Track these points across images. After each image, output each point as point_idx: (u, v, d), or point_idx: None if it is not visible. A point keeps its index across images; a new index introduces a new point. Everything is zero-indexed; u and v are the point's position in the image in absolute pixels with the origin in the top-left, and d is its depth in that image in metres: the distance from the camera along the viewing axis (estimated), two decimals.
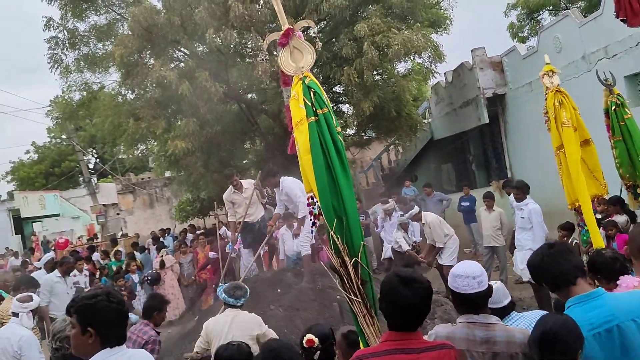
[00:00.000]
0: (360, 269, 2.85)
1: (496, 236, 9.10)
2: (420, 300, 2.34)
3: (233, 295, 4.47)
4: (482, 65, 13.11)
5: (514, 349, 2.52)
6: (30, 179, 36.06)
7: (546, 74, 4.60)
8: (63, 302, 7.58)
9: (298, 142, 3.11)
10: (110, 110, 13.03)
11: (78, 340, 2.38)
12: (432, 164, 18.01)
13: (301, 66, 3.18)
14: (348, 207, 2.95)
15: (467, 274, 2.58)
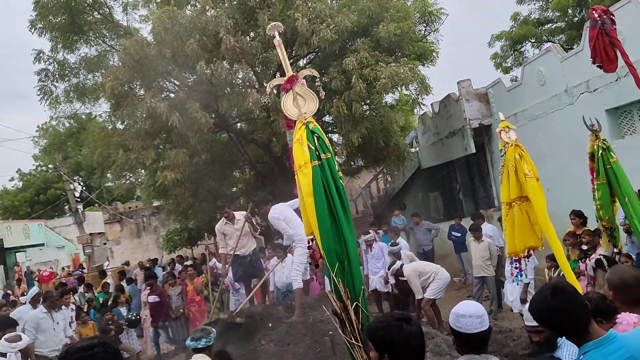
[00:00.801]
0: (360, 314, 2.88)
1: (485, 266, 9.19)
2: (421, 336, 2.40)
3: (193, 338, 4.47)
4: (468, 97, 13.37)
5: None
6: (15, 207, 35.60)
7: (503, 130, 4.83)
8: (49, 338, 7.48)
9: (301, 184, 3.17)
10: (99, 141, 13.02)
11: None
12: (420, 193, 18.15)
13: (304, 112, 3.27)
14: (350, 250, 3.00)
15: (470, 313, 2.61)
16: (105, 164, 13.41)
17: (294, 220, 7.06)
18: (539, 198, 4.48)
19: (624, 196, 4.52)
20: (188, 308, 10.38)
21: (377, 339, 2.38)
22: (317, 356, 5.77)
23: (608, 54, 4.94)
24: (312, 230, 3.23)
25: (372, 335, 2.42)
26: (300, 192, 3.23)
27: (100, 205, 26.83)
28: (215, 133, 14.21)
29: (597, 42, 4.99)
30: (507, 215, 4.80)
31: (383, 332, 2.35)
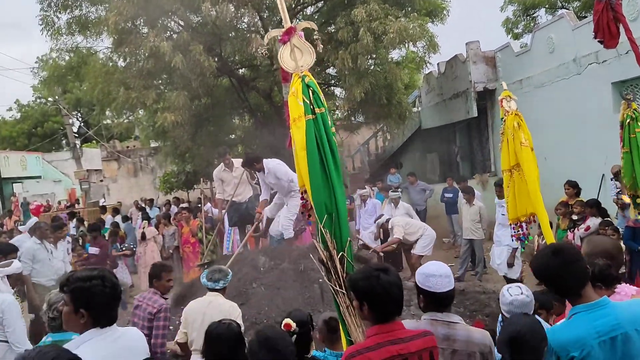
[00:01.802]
0: (345, 263, 2.99)
1: (475, 229, 9.35)
2: (400, 287, 2.48)
3: (211, 278, 4.52)
4: (475, 59, 13.23)
5: (472, 347, 2.66)
6: (12, 138, 35.54)
7: (504, 99, 4.84)
8: (46, 268, 7.62)
9: (295, 138, 3.21)
10: (100, 77, 12.87)
11: (70, 317, 2.43)
12: (418, 153, 18.19)
13: (300, 65, 3.26)
14: (339, 204, 3.08)
15: (440, 273, 2.70)
16: (105, 100, 13.33)
17: (289, 172, 7.15)
18: (531, 167, 4.57)
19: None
20: (182, 249, 10.58)
21: (357, 288, 2.48)
22: (306, 302, 5.95)
23: (610, 30, 4.88)
24: (302, 183, 3.31)
25: (353, 285, 2.53)
26: (293, 146, 3.28)
27: (98, 142, 26.80)
28: (217, 77, 14.07)
29: (601, 17, 4.92)
30: (509, 182, 4.88)
31: (363, 282, 2.45)
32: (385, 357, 2.36)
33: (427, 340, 2.49)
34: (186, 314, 4.53)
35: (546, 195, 9.92)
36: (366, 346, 2.41)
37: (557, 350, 2.39)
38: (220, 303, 4.47)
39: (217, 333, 3.06)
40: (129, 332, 2.67)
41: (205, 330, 3.15)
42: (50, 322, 2.97)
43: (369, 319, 2.51)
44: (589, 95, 9.62)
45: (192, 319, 4.43)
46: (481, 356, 2.66)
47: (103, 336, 2.43)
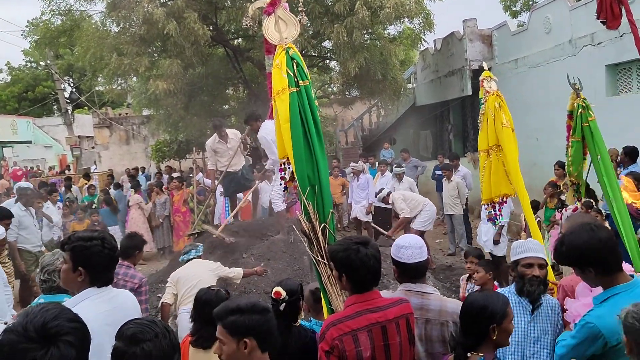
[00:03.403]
0: (327, 234, 3.06)
1: (453, 204, 9.53)
2: (378, 259, 2.56)
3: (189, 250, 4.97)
4: (471, 37, 13.15)
5: (445, 317, 2.73)
6: (2, 102, 35.05)
7: (485, 79, 4.86)
8: (32, 234, 7.61)
9: (279, 110, 3.22)
10: (93, 41, 12.68)
11: (68, 275, 2.51)
12: (411, 130, 18.20)
13: (285, 37, 3.26)
14: (322, 176, 3.13)
15: (410, 245, 2.77)
16: (97, 65, 13.18)
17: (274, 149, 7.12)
18: (512, 148, 4.62)
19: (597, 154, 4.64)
20: (173, 218, 10.64)
21: (337, 259, 2.56)
22: (295, 273, 6.05)
23: (613, 10, 4.88)
24: (285, 154, 3.34)
25: (333, 256, 2.61)
26: (276, 118, 3.30)
27: (90, 108, 26.54)
28: (211, 47, 13.93)
29: None
30: (484, 163, 4.94)
31: (342, 254, 2.52)
32: (364, 325, 2.45)
33: (403, 307, 2.58)
34: (174, 277, 4.82)
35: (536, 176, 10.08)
36: (346, 315, 2.49)
37: (607, 336, 2.33)
38: (207, 262, 4.89)
39: (206, 299, 3.15)
40: (123, 293, 2.76)
41: (195, 295, 3.23)
42: (42, 283, 3.02)
43: (347, 289, 2.60)
44: (583, 77, 9.55)
45: (180, 278, 4.75)
46: (454, 325, 2.72)
47: (99, 295, 2.50)
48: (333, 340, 2.42)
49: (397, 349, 2.52)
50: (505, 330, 2.39)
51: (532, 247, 3.11)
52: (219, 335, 2.14)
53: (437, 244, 11.03)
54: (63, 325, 1.60)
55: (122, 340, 1.83)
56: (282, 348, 2.92)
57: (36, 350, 1.54)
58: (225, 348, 2.12)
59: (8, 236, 7.30)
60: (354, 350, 2.42)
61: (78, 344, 1.61)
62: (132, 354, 1.78)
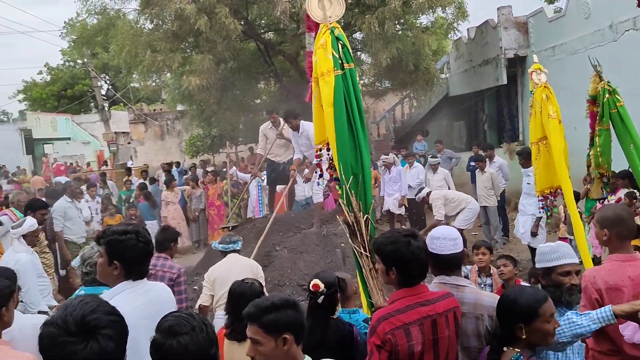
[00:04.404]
0: (369, 226, 2.99)
1: (487, 196, 9.33)
2: (427, 252, 2.52)
3: (229, 242, 4.65)
4: (506, 25, 12.85)
5: (480, 310, 2.66)
6: (42, 100, 36.10)
7: (535, 72, 4.69)
8: (76, 225, 7.88)
9: (322, 93, 3.08)
10: (127, 39, 12.89)
11: (104, 269, 2.55)
12: (444, 121, 17.93)
13: (329, 15, 3.13)
14: (365, 165, 3.04)
15: (444, 236, 2.70)
16: (132, 63, 13.38)
17: None
18: (558, 140, 4.49)
19: (629, 143, 4.43)
20: (208, 211, 10.78)
21: (385, 253, 2.49)
22: (327, 265, 6.04)
23: None
24: (321, 140, 3.22)
25: (380, 249, 2.53)
26: (317, 101, 3.16)
27: (125, 105, 27.04)
28: (243, 41, 13.98)
29: None
30: (537, 155, 4.81)
31: (391, 246, 2.45)
32: (416, 319, 2.40)
33: (451, 301, 2.53)
34: (211, 277, 4.59)
35: (575, 166, 9.75)
36: (397, 308, 2.44)
37: None
38: (244, 260, 4.62)
39: (240, 291, 3.16)
40: (158, 286, 2.79)
41: (229, 288, 3.25)
42: (84, 276, 3.08)
43: (394, 283, 2.53)
44: (625, 64, 9.29)
45: (218, 280, 4.51)
46: (490, 319, 2.66)
47: (134, 288, 2.54)
48: (385, 334, 2.37)
49: (445, 343, 2.47)
50: (539, 330, 2.29)
51: (568, 252, 2.85)
52: (254, 336, 2.10)
53: (473, 236, 10.85)
54: (101, 318, 1.62)
55: (160, 333, 1.84)
56: (321, 341, 2.91)
57: (76, 343, 1.56)
58: (261, 348, 2.08)
59: (55, 226, 7.61)
60: (406, 345, 2.37)
61: (116, 337, 1.63)
62: (168, 346, 1.79)
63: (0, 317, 2.56)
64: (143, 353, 1.95)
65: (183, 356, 1.78)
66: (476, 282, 4.92)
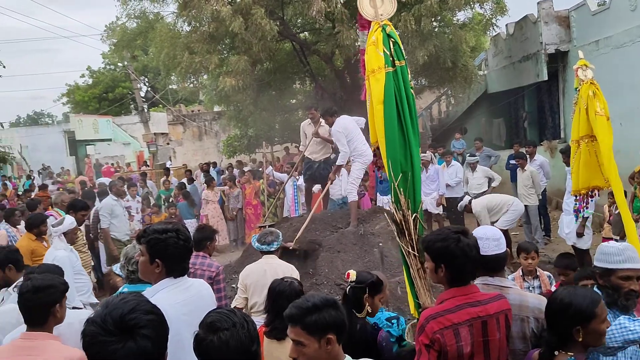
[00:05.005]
0: (418, 225, 2.94)
1: (527, 195, 9.08)
2: (478, 249, 2.47)
3: (264, 241, 4.52)
4: (547, 19, 12.52)
5: (526, 312, 2.59)
6: (85, 103, 37.19)
7: (580, 68, 4.53)
8: (122, 223, 8.09)
9: (372, 90, 3.07)
10: (166, 41, 13.14)
11: (146, 267, 2.59)
12: (483, 118, 17.61)
13: (380, 13, 3.12)
14: (415, 163, 2.99)
15: (487, 236, 2.66)
16: (170, 64, 13.62)
17: (356, 135, 7.02)
18: (606, 137, 4.32)
19: None
20: (245, 210, 10.88)
21: (434, 250, 2.44)
22: (365, 265, 5.99)
23: None
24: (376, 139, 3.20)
25: (429, 247, 2.47)
26: (369, 98, 3.15)
27: (164, 106, 27.60)
28: (278, 41, 14.05)
29: None
30: (575, 154, 4.67)
31: (440, 244, 2.40)
32: (465, 319, 2.35)
33: (503, 303, 2.47)
34: (245, 280, 4.50)
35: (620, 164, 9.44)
36: (446, 308, 2.39)
37: None
38: (278, 264, 4.49)
39: (279, 290, 3.16)
40: (198, 282, 2.81)
41: (268, 286, 3.25)
42: (130, 274, 3.14)
43: (444, 282, 2.48)
44: None
45: (251, 284, 4.44)
46: (535, 322, 2.60)
47: (176, 285, 2.57)
48: (434, 333, 2.33)
49: (496, 346, 2.41)
50: (596, 332, 2.22)
51: (633, 256, 2.70)
52: (297, 338, 2.09)
53: (513, 236, 10.62)
54: (140, 318, 1.62)
55: (202, 328, 1.86)
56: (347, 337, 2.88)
57: (114, 343, 1.56)
58: (305, 350, 2.07)
59: (102, 223, 7.85)
60: (454, 345, 2.33)
61: (154, 337, 1.63)
62: (209, 341, 1.81)
63: (54, 314, 2.64)
64: (186, 348, 1.98)
65: (224, 351, 1.79)
66: (522, 286, 4.79)
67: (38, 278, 2.71)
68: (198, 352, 1.85)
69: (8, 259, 4.02)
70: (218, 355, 1.80)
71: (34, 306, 2.60)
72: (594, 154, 4.47)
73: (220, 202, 11.63)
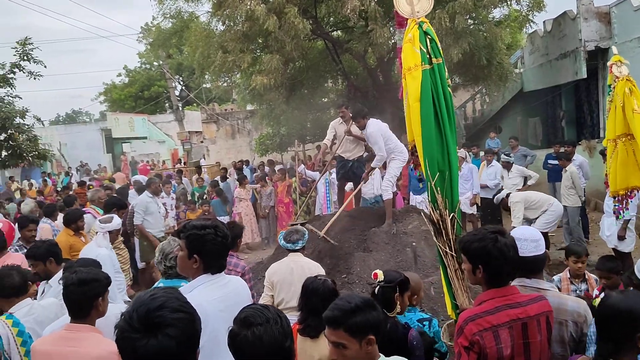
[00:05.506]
0: (455, 225, 2.89)
1: (567, 195, 8.82)
2: (517, 249, 2.42)
3: (289, 240, 4.51)
4: (587, 15, 12.20)
5: (564, 316, 2.52)
6: (121, 101, 38.05)
7: (614, 64, 4.37)
8: (156, 220, 8.22)
9: (409, 88, 3.03)
10: (201, 40, 13.30)
11: (184, 262, 2.62)
12: (518, 117, 17.29)
13: (417, 10, 3.09)
14: (452, 162, 2.95)
15: (525, 237, 2.60)
16: (205, 63, 13.79)
17: (391, 134, 7.01)
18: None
19: None
20: (277, 208, 10.94)
21: (471, 251, 2.40)
22: (397, 264, 5.94)
23: None
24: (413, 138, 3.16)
25: (466, 247, 2.43)
26: (406, 96, 3.12)
27: (198, 105, 27.95)
28: (311, 40, 14.06)
29: None
30: (612, 153, 4.53)
31: (478, 244, 2.36)
32: (505, 321, 2.31)
33: (543, 304, 2.41)
34: (271, 277, 4.50)
35: None
36: (485, 310, 2.34)
37: None
38: (304, 262, 4.50)
39: (313, 288, 3.16)
40: (236, 279, 2.84)
41: (302, 284, 3.25)
42: (168, 270, 3.19)
43: (482, 283, 2.43)
44: None
45: (278, 281, 4.44)
46: (574, 325, 2.53)
47: (213, 281, 2.60)
48: (473, 335, 2.28)
49: (537, 348, 2.36)
50: None
51: None
52: (339, 340, 2.07)
53: (550, 237, 10.39)
54: (165, 316, 1.59)
55: (236, 323, 1.87)
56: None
57: (138, 340, 1.55)
58: (346, 352, 2.05)
59: (135, 220, 8.01)
60: (494, 347, 2.28)
61: (179, 336, 1.58)
62: (243, 336, 1.81)
63: (97, 307, 2.71)
64: (222, 344, 1.98)
65: (258, 347, 1.79)
66: (569, 289, 4.66)
67: (83, 271, 2.77)
68: (232, 348, 1.86)
69: (49, 252, 4.14)
70: (252, 351, 1.80)
71: (78, 299, 2.66)
72: (632, 153, 4.33)
73: (253, 200, 11.74)
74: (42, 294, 4.03)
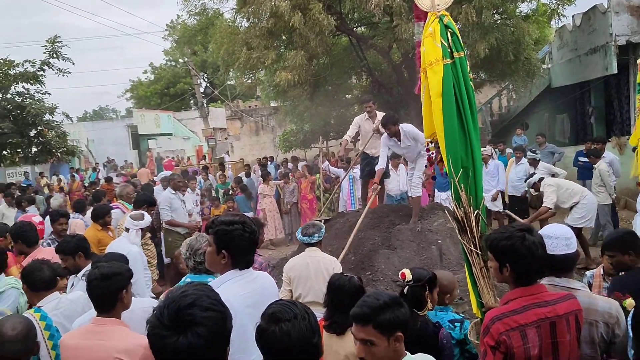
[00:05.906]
0: (480, 222, 2.85)
1: (596, 193, 8.62)
2: (545, 247, 2.38)
3: (306, 233, 4.52)
4: (618, 9, 11.89)
5: (594, 316, 2.47)
6: (147, 98, 38.57)
7: None
8: (180, 216, 8.29)
9: (430, 83, 2.97)
10: (225, 37, 13.38)
11: (212, 257, 2.65)
12: (546, 113, 16.97)
13: (437, 4, 3.03)
14: (476, 158, 2.90)
15: (556, 235, 2.55)
16: (229, 60, 13.87)
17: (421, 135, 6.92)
18: None
19: None
20: (300, 204, 10.97)
21: (498, 249, 2.36)
22: (422, 262, 5.90)
23: None
24: (430, 133, 3.12)
25: (493, 246, 2.39)
26: (425, 91, 3.06)
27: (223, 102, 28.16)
28: (335, 36, 14.03)
29: None
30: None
31: (505, 242, 2.33)
32: (532, 320, 2.27)
33: (572, 303, 2.37)
34: (288, 273, 4.53)
35: None
36: (512, 309, 2.32)
37: None
38: (320, 257, 4.51)
39: (339, 284, 3.15)
40: (263, 275, 2.86)
41: (328, 281, 3.25)
42: (197, 265, 3.21)
43: (509, 281, 2.40)
44: None
45: (295, 277, 4.46)
46: (605, 326, 2.48)
47: (241, 277, 2.61)
48: (500, 335, 2.26)
49: (566, 348, 2.32)
50: None
51: None
52: (368, 337, 2.07)
53: None
54: (196, 314, 1.58)
55: (263, 319, 1.88)
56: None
57: (167, 337, 1.54)
58: (375, 349, 2.05)
59: (163, 216, 8.13)
60: (521, 347, 2.25)
61: (208, 335, 1.57)
62: (271, 332, 1.82)
63: (121, 299, 2.75)
64: (250, 340, 1.99)
65: (285, 342, 1.80)
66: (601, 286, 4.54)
67: (105, 266, 2.81)
68: (260, 343, 1.87)
69: (78, 246, 4.22)
70: (280, 346, 1.81)
71: (101, 293, 2.70)
72: None
73: (277, 197, 11.78)
74: (72, 287, 4.11)
